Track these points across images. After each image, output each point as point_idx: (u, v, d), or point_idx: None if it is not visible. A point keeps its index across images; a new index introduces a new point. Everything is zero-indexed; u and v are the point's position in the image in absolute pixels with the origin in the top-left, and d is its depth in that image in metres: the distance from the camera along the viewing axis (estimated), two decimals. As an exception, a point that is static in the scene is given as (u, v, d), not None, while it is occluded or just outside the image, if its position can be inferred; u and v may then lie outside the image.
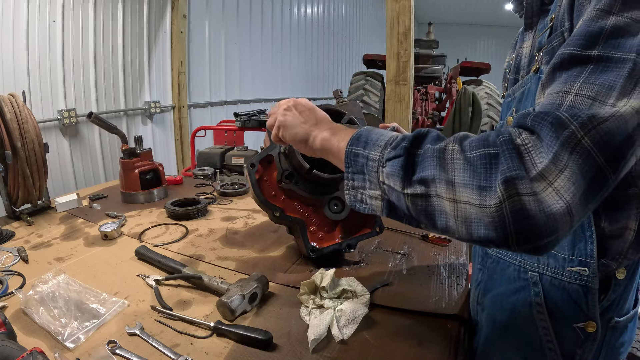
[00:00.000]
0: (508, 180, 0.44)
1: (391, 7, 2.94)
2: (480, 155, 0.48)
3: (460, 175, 0.48)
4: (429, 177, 0.51)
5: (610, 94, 0.45)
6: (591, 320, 0.65)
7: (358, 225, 1.13)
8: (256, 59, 5.75)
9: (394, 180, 0.55)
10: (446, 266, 1.10)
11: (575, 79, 0.47)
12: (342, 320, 0.81)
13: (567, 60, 0.49)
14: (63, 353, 0.73)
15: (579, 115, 0.44)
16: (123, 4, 3.44)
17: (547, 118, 0.45)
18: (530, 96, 0.68)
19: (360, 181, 0.63)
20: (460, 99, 4.70)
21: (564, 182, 0.43)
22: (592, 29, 0.48)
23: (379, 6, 10.34)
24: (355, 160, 0.62)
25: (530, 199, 0.43)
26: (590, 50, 0.48)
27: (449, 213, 0.50)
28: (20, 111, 1.39)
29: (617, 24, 0.47)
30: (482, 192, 0.46)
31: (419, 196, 0.52)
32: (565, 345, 0.68)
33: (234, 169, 3.00)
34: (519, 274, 0.72)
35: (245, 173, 1.03)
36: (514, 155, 0.45)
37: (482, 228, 0.47)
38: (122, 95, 3.56)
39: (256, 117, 3.35)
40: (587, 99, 0.45)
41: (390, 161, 0.56)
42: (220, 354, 0.75)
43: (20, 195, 1.43)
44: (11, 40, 2.61)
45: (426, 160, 0.52)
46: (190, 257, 1.16)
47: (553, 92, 0.49)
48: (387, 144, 0.59)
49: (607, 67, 0.46)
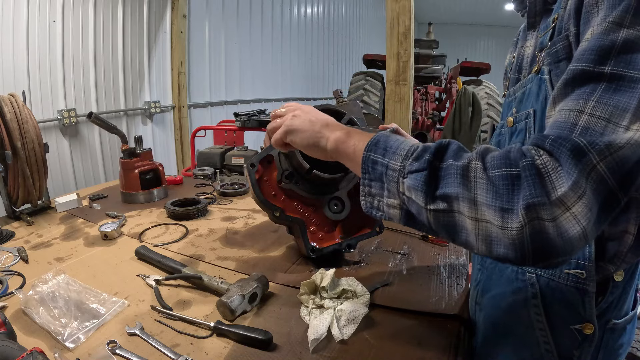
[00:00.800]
0: (530, 206, 0.45)
1: (391, 7, 2.94)
2: (502, 176, 0.48)
3: (482, 195, 0.49)
4: (452, 194, 0.52)
5: (624, 116, 0.45)
6: (588, 322, 0.65)
7: (358, 225, 1.13)
8: (256, 59, 5.75)
9: (416, 194, 0.55)
10: (446, 266, 1.10)
11: (588, 96, 0.48)
12: (342, 320, 0.81)
13: (579, 76, 0.50)
14: (63, 353, 0.73)
15: (596, 143, 0.45)
16: (123, 4, 3.44)
17: (566, 144, 0.46)
18: (532, 96, 0.67)
19: (377, 189, 0.62)
20: (460, 99, 4.70)
21: (581, 208, 0.45)
22: (604, 43, 0.48)
23: (379, 6, 10.34)
24: (373, 168, 0.62)
25: (550, 224, 0.45)
26: (602, 67, 0.48)
27: (469, 230, 0.51)
28: (20, 111, 1.39)
29: (629, 38, 0.47)
30: (504, 215, 0.47)
31: (442, 212, 0.53)
32: (563, 346, 0.68)
33: (234, 169, 3.00)
34: (517, 275, 0.72)
35: (245, 173, 1.03)
36: (536, 180, 0.46)
37: (502, 247, 0.48)
38: (122, 95, 3.56)
39: (256, 117, 3.36)
40: (601, 120, 0.46)
41: (412, 174, 0.56)
42: (220, 354, 0.75)
43: (20, 195, 1.43)
44: (11, 40, 2.61)
45: (449, 177, 0.52)
46: (190, 257, 1.16)
47: (566, 109, 0.49)
48: (407, 153, 0.58)
49: (620, 86, 0.47)
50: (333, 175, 1.02)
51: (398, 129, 1.05)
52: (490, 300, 0.79)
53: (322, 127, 0.74)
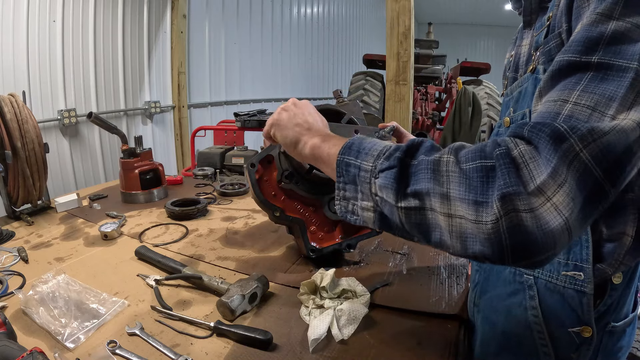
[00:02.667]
0: (505, 197, 0.42)
1: (391, 7, 2.94)
2: (476, 168, 0.46)
3: (455, 189, 0.47)
4: (423, 190, 0.49)
5: (610, 105, 0.43)
6: (587, 325, 0.64)
7: (358, 225, 1.12)
8: (256, 59, 5.75)
9: (387, 193, 0.53)
10: (446, 266, 1.10)
11: (574, 86, 0.46)
12: (342, 320, 0.81)
13: (566, 66, 0.48)
14: (63, 353, 0.73)
15: (578, 128, 0.42)
16: (123, 4, 3.44)
17: (545, 129, 0.43)
18: (527, 96, 0.67)
19: (351, 192, 0.60)
20: (460, 99, 4.70)
21: (562, 197, 0.42)
22: (592, 34, 0.47)
23: (379, 6, 10.34)
24: (347, 170, 0.60)
25: (527, 215, 0.42)
26: (589, 57, 0.46)
27: (443, 227, 0.48)
28: (20, 111, 1.39)
29: (618, 29, 0.46)
30: (478, 208, 0.44)
31: (413, 209, 0.51)
32: (561, 349, 0.67)
33: (234, 169, 3.00)
34: (515, 276, 0.72)
35: (245, 173, 1.03)
36: (512, 169, 0.43)
37: (478, 244, 0.46)
38: (122, 95, 3.56)
39: (256, 117, 3.35)
40: (586, 109, 0.44)
41: (383, 172, 0.54)
42: (220, 354, 0.75)
43: (20, 195, 1.43)
44: (11, 40, 2.61)
45: (420, 172, 0.50)
46: (190, 257, 1.16)
47: (551, 100, 0.47)
48: (380, 153, 0.57)
49: (607, 75, 0.45)
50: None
51: (398, 127, 1.05)
52: (488, 302, 0.79)
53: (304, 129, 0.73)
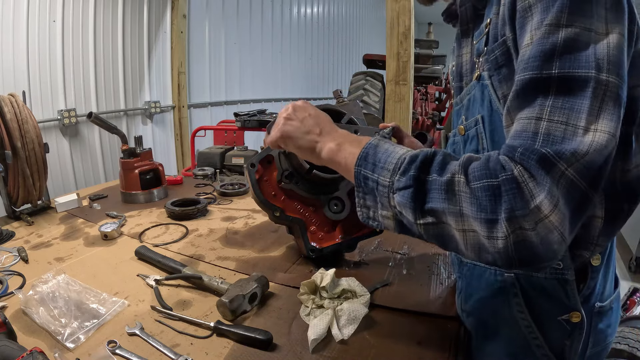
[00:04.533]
0: (512, 218, 0.47)
1: (391, 7, 2.94)
2: (484, 187, 0.50)
3: (467, 208, 0.51)
4: (439, 209, 0.53)
5: (580, 117, 0.47)
6: (574, 311, 0.66)
7: (358, 225, 1.13)
8: (256, 59, 5.75)
9: (406, 210, 0.57)
10: (446, 266, 1.10)
11: (542, 102, 0.49)
12: (342, 320, 0.81)
13: (528, 84, 0.50)
14: (63, 353, 0.73)
15: (562, 152, 0.46)
16: (123, 4, 3.44)
17: (533, 157, 0.47)
18: (477, 103, 0.68)
19: (371, 201, 0.64)
20: (460, 99, 4.69)
21: (557, 215, 0.46)
22: (545, 46, 0.49)
23: (379, 6, 10.34)
24: (365, 183, 0.63)
25: (531, 233, 0.47)
26: (549, 70, 0.48)
27: (458, 239, 0.53)
28: (20, 111, 1.39)
29: (569, 36, 0.48)
30: (489, 226, 0.49)
31: (431, 224, 0.55)
32: (553, 339, 0.69)
33: (234, 169, 3.00)
34: (496, 277, 0.73)
35: (245, 173, 1.03)
36: (515, 192, 0.47)
37: (490, 255, 0.51)
38: (122, 95, 3.56)
39: (256, 117, 3.36)
40: (559, 125, 0.47)
41: (400, 191, 0.57)
42: (220, 354, 0.75)
43: (20, 195, 1.43)
44: (11, 40, 2.61)
45: (434, 192, 0.54)
46: (190, 257, 1.16)
47: (524, 117, 0.50)
48: (395, 168, 0.59)
49: (570, 87, 0.48)
50: (333, 175, 1.02)
51: (398, 127, 1.05)
52: (474, 305, 0.80)
53: (316, 135, 0.73)
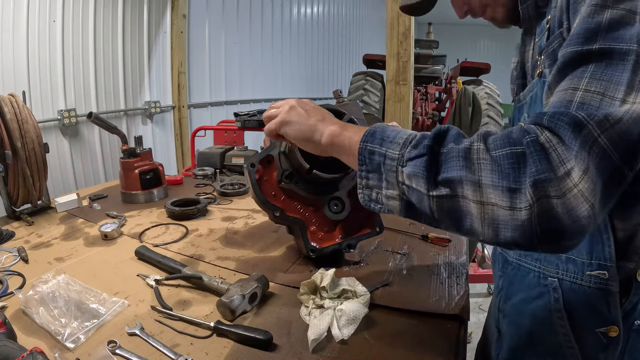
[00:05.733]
0: (537, 183, 0.44)
1: (391, 7, 2.94)
2: (506, 155, 0.47)
3: (487, 177, 0.47)
4: (455, 178, 0.50)
5: (619, 89, 0.45)
6: (613, 325, 0.64)
7: (358, 225, 1.13)
8: (256, 59, 5.74)
9: (417, 181, 0.53)
10: (446, 266, 1.10)
11: (581, 74, 0.47)
12: (342, 320, 0.81)
13: (569, 58, 0.49)
14: (63, 353, 0.73)
15: (594, 115, 0.44)
16: (123, 4, 3.43)
17: (564, 118, 0.45)
18: (538, 100, 0.67)
19: (375, 180, 0.60)
20: (460, 99, 4.69)
21: (587, 183, 0.43)
22: (590, 25, 0.48)
23: (379, 6, 10.33)
24: (370, 158, 0.60)
25: (558, 202, 0.43)
26: (590, 45, 0.48)
27: (474, 215, 0.49)
28: (20, 111, 1.39)
29: (614, 17, 0.47)
30: (512, 195, 0.45)
31: (445, 197, 0.51)
32: (588, 350, 0.67)
33: (234, 169, 2.99)
34: (539, 280, 0.71)
35: (245, 173, 1.03)
36: (542, 156, 0.44)
37: (509, 230, 0.47)
38: (122, 95, 3.56)
39: (256, 117, 3.34)
40: (596, 95, 0.45)
41: (412, 161, 0.54)
42: (220, 354, 0.75)
43: (20, 195, 1.43)
44: (11, 40, 2.61)
45: (451, 160, 0.51)
46: (190, 257, 1.16)
47: (561, 90, 0.49)
48: (406, 142, 0.56)
49: (610, 60, 0.46)
50: (333, 175, 1.02)
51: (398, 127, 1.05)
52: (513, 307, 0.78)
53: (318, 121, 0.72)
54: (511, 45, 0.87)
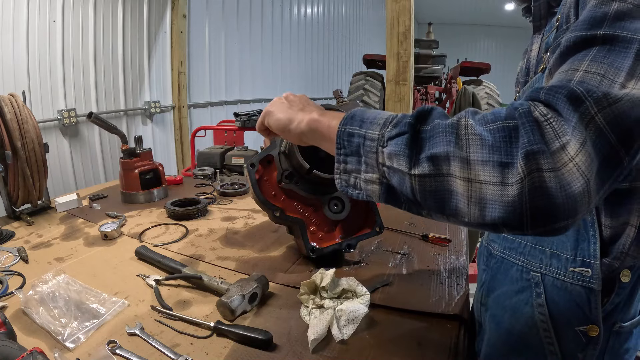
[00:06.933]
0: (529, 155, 0.41)
1: (391, 7, 2.94)
2: (498, 128, 0.44)
3: (477, 152, 0.45)
4: (441, 154, 0.47)
5: (619, 74, 0.44)
6: (593, 324, 0.64)
7: (358, 225, 1.13)
8: (256, 59, 5.75)
9: (398, 160, 0.50)
10: (446, 266, 1.10)
11: (583, 57, 0.47)
12: (342, 320, 0.81)
13: (572, 43, 0.49)
14: (63, 353, 0.73)
15: (593, 91, 0.43)
16: (123, 4, 3.44)
17: (562, 91, 0.44)
18: None
19: (354, 164, 0.57)
20: (460, 99, 4.70)
21: (584, 157, 0.41)
22: (596, 14, 0.48)
23: (379, 6, 10.34)
24: (349, 141, 0.57)
25: (551, 175, 0.41)
26: (595, 31, 0.47)
27: (460, 194, 0.46)
28: (20, 111, 1.39)
29: (621, 9, 0.47)
30: (503, 169, 0.43)
31: (428, 176, 0.48)
32: (567, 348, 0.67)
33: (234, 169, 3.00)
34: (522, 274, 0.71)
35: (245, 173, 1.03)
36: (535, 128, 0.42)
37: (497, 210, 0.44)
38: (122, 95, 3.56)
39: (256, 117, 3.35)
40: (596, 76, 0.44)
41: (392, 140, 0.51)
42: (220, 354, 0.75)
43: (20, 195, 1.43)
44: (11, 40, 2.61)
45: (437, 136, 0.48)
46: (190, 257, 1.16)
47: (561, 71, 0.48)
48: (386, 122, 0.54)
49: (613, 46, 0.46)
50: (333, 175, 1.02)
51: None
52: (495, 300, 0.78)
53: (299, 110, 0.71)
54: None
